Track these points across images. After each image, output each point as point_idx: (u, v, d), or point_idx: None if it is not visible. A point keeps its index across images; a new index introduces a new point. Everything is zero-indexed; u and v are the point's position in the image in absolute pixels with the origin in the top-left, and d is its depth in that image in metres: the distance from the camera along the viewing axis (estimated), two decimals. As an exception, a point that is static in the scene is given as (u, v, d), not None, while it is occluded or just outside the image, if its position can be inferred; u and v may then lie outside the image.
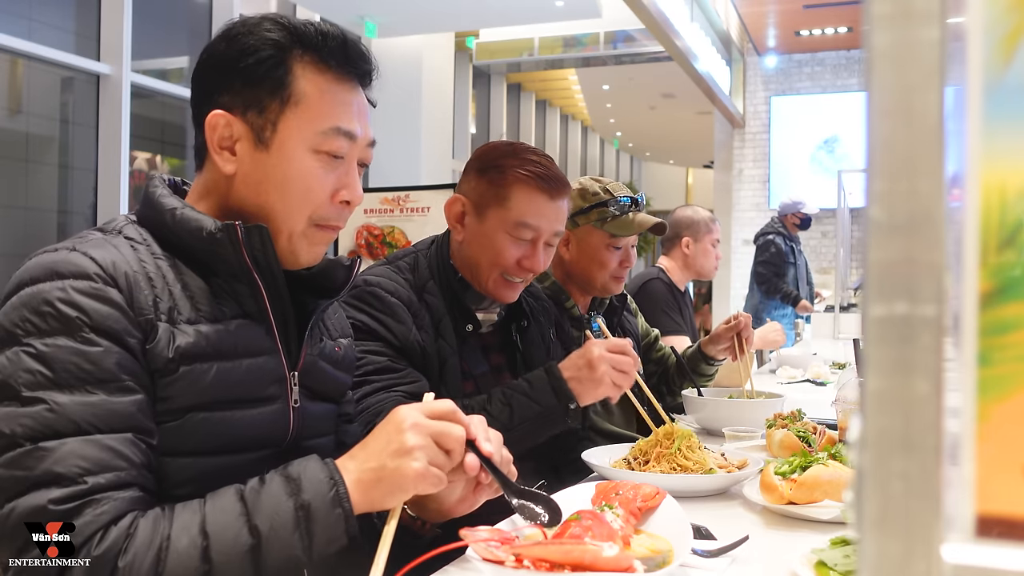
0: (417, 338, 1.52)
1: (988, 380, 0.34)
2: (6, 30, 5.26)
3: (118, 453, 0.88)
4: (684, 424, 2.19)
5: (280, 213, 1.05)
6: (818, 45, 9.96)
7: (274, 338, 1.07)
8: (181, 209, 1.03)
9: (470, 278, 1.65)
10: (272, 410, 1.05)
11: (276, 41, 1.04)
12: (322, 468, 0.93)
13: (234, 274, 1.03)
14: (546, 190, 1.60)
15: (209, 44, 1.08)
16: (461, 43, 10.77)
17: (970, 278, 0.35)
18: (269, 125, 1.03)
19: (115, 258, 0.96)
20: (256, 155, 1.04)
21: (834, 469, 1.33)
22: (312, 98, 1.04)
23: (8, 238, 5.63)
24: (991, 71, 0.34)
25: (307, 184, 1.05)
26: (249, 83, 1.03)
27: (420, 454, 0.91)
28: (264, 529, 0.89)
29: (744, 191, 10.53)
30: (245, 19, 1.07)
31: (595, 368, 1.47)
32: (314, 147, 1.04)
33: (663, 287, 3.23)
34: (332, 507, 0.91)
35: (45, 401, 0.86)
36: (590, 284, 2.14)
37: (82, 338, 0.89)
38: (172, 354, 0.95)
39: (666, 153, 19.19)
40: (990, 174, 0.34)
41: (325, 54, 1.06)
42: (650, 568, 0.96)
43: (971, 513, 0.34)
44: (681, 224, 3.39)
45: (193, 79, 1.08)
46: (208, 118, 1.03)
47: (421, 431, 0.93)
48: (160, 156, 6.91)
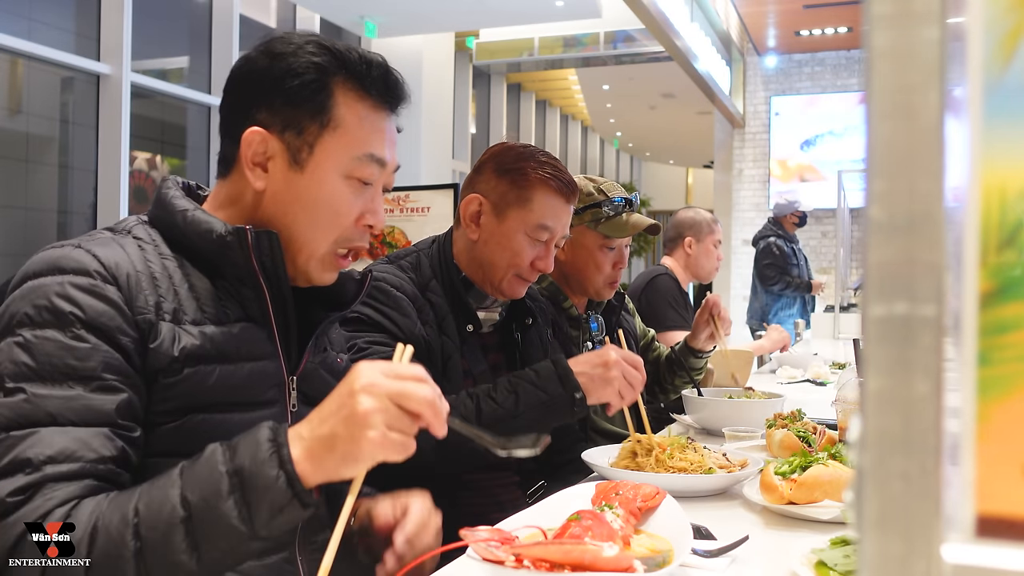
0: (422, 332, 1.54)
1: (988, 380, 0.34)
2: (6, 30, 5.26)
3: (86, 444, 0.88)
4: (684, 424, 2.20)
5: (305, 233, 1.06)
6: (818, 45, 9.96)
7: (275, 343, 1.07)
8: (192, 211, 1.04)
9: (479, 278, 1.66)
10: (270, 414, 1.05)
11: (320, 65, 1.05)
12: (266, 432, 0.87)
13: (240, 277, 1.04)
14: (564, 193, 1.65)
15: (249, 56, 1.08)
16: (461, 43, 10.77)
17: (970, 278, 0.35)
18: (306, 147, 1.04)
19: (118, 257, 0.97)
20: (289, 175, 1.05)
21: (834, 469, 1.33)
22: (351, 124, 1.06)
23: (8, 238, 5.63)
24: (991, 71, 0.34)
25: (336, 207, 1.06)
26: (290, 103, 1.04)
27: (376, 419, 0.83)
28: (194, 499, 0.83)
29: (744, 191, 10.53)
30: (289, 37, 1.08)
31: (609, 369, 1.48)
32: (347, 172, 1.06)
33: (670, 282, 3.26)
34: (269, 469, 0.83)
35: (24, 392, 0.87)
36: (585, 286, 2.15)
37: (72, 333, 0.90)
38: (177, 354, 0.96)
39: (666, 153, 19.20)
40: (990, 174, 0.34)
41: (367, 82, 1.07)
42: (650, 568, 0.96)
43: (971, 513, 0.34)
44: (684, 225, 3.41)
45: (227, 88, 1.09)
46: (245, 134, 1.04)
47: (376, 392, 0.84)
48: (160, 156, 6.91)
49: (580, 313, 2.15)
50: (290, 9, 8.29)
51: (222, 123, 1.10)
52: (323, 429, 0.85)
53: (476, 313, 1.65)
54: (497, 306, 1.72)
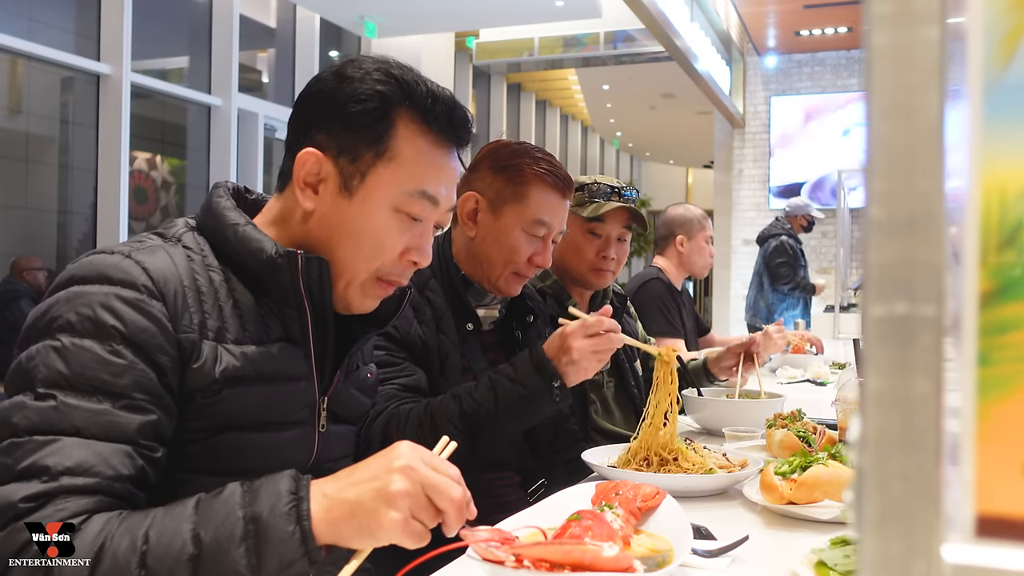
0: (419, 332, 1.54)
1: (988, 380, 0.34)
2: (6, 30, 5.26)
3: (105, 460, 0.87)
4: (684, 424, 2.20)
5: (347, 260, 1.06)
6: (818, 45, 9.96)
7: (310, 363, 1.07)
8: (244, 226, 1.03)
9: (477, 275, 1.66)
10: (299, 433, 1.06)
11: (384, 94, 1.04)
12: (288, 482, 0.85)
13: (285, 298, 1.04)
14: (560, 188, 1.66)
15: (320, 75, 1.08)
16: (461, 43, 10.77)
17: (970, 278, 0.35)
18: (358, 175, 1.04)
19: (167, 271, 0.96)
20: (338, 200, 1.04)
21: (834, 469, 1.33)
22: (407, 158, 1.05)
23: (8, 238, 5.63)
24: (991, 71, 0.34)
25: (380, 240, 1.05)
26: (349, 129, 1.03)
27: (403, 502, 0.81)
28: (207, 539, 0.82)
29: (744, 191, 10.53)
30: (360, 61, 1.07)
31: (571, 350, 1.44)
32: (396, 206, 1.05)
33: (662, 288, 3.24)
34: (286, 523, 0.82)
35: (55, 398, 0.87)
36: (570, 274, 2.13)
37: (110, 348, 0.90)
38: (218, 375, 0.96)
39: (666, 153, 19.20)
40: (990, 174, 0.34)
41: (431, 117, 1.06)
42: (650, 568, 0.96)
43: (971, 513, 0.34)
44: (674, 223, 3.39)
45: (296, 103, 1.09)
46: (300, 154, 1.04)
47: (412, 477, 0.82)
48: (160, 156, 6.91)
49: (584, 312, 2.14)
50: (290, 9, 8.29)
51: (288, 139, 1.10)
52: (349, 493, 0.83)
53: (476, 311, 1.65)
54: (497, 304, 1.72)
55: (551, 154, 1.71)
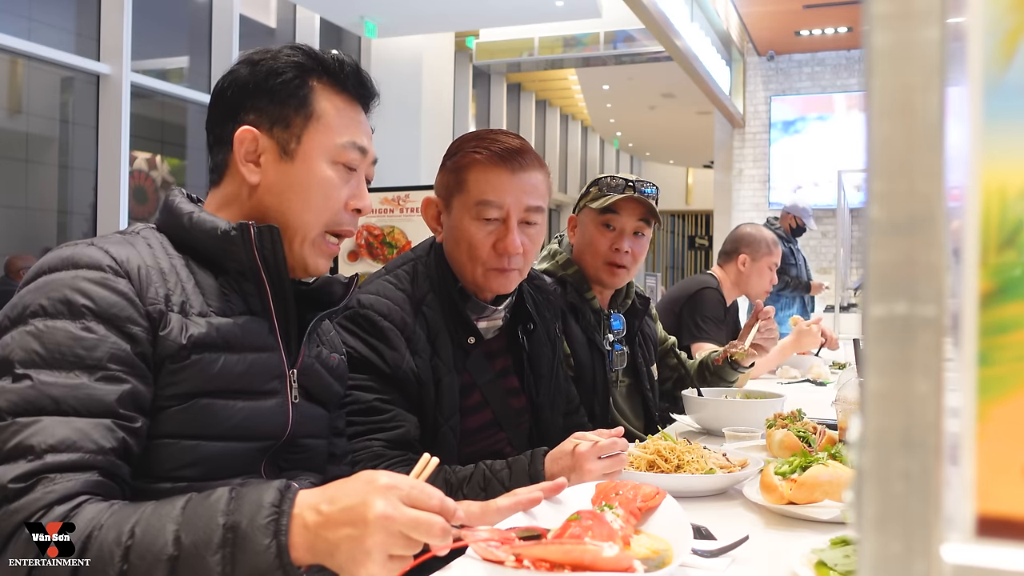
0: (411, 365, 1.46)
1: (988, 380, 0.34)
2: (6, 30, 5.26)
3: (87, 435, 0.90)
4: (684, 424, 2.20)
5: (300, 218, 1.14)
6: (818, 45, 9.96)
7: (276, 336, 1.14)
8: (197, 213, 1.12)
9: (465, 282, 1.58)
10: (273, 403, 1.12)
11: (299, 63, 1.16)
12: (273, 494, 0.86)
13: (243, 272, 1.11)
14: (503, 164, 1.51)
15: (229, 71, 1.18)
16: (461, 43, 10.77)
17: (970, 278, 0.35)
18: (294, 138, 1.14)
19: (130, 254, 1.03)
20: (281, 166, 1.14)
21: (834, 469, 1.33)
22: (330, 115, 1.16)
23: (8, 238, 5.63)
24: (991, 71, 0.34)
25: (326, 192, 1.15)
26: (275, 101, 1.14)
27: (380, 555, 0.81)
28: (187, 542, 0.83)
29: (744, 191, 10.53)
30: (265, 48, 1.19)
31: (582, 472, 1.33)
32: (333, 159, 1.15)
33: (716, 297, 3.25)
34: (263, 536, 0.83)
35: (31, 378, 0.91)
36: (587, 270, 2.11)
37: (83, 324, 0.95)
38: (185, 341, 1.01)
39: (666, 153, 19.19)
40: (990, 174, 0.34)
41: (341, 78, 1.18)
42: (650, 568, 0.96)
43: (971, 513, 0.34)
44: (742, 240, 3.38)
45: (212, 103, 1.18)
46: (237, 134, 1.13)
47: (390, 528, 0.81)
48: (160, 156, 6.91)
49: (602, 307, 2.13)
50: (290, 9, 8.29)
51: (209, 137, 1.19)
52: (331, 535, 0.83)
53: (476, 325, 1.57)
54: (500, 314, 1.63)
55: (514, 134, 1.58)
